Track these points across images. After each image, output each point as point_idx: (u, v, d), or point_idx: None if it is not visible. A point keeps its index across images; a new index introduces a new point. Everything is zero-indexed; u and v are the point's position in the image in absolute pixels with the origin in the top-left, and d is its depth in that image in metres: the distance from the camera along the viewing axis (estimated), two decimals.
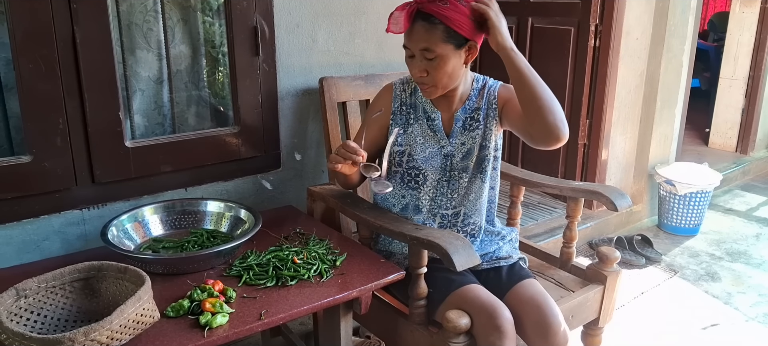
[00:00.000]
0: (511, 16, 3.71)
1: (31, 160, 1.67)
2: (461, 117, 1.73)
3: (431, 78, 1.59)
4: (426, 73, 1.58)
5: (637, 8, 3.27)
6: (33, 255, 1.74)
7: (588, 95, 3.34)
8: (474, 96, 1.74)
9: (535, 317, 1.57)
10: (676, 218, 3.56)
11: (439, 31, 1.52)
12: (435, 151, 1.73)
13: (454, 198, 1.75)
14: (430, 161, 1.72)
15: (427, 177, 1.73)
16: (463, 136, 1.73)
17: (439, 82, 1.60)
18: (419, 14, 1.53)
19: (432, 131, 1.73)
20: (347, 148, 1.53)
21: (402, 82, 1.79)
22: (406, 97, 1.77)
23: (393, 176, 1.76)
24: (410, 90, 1.77)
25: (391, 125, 1.75)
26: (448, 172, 1.73)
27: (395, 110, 1.76)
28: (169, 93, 2.13)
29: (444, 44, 1.54)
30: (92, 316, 1.33)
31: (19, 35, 1.59)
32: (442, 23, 1.51)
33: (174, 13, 2.09)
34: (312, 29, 2.15)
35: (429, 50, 1.54)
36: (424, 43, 1.54)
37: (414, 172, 1.73)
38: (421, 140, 1.73)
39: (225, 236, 1.73)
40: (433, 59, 1.55)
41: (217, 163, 2.03)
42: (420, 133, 1.73)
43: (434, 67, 1.57)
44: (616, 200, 1.84)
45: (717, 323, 2.64)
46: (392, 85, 1.79)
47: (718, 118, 5.23)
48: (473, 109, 1.74)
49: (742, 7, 4.95)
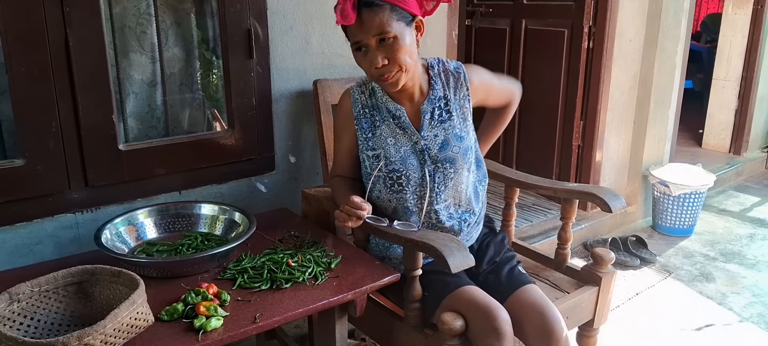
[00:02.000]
0: (504, 19, 3.72)
1: (24, 164, 1.67)
2: (428, 109, 1.69)
3: (393, 63, 1.54)
4: (387, 61, 1.54)
5: (630, 10, 3.28)
6: (26, 259, 1.73)
7: (582, 97, 3.35)
8: (436, 84, 1.71)
9: (538, 323, 1.56)
10: (670, 218, 3.58)
11: (387, 11, 1.50)
12: (408, 149, 1.69)
13: (444, 190, 1.71)
14: (407, 160, 1.68)
15: (409, 178, 1.68)
16: (435, 129, 1.69)
17: (402, 64, 1.55)
18: (362, 3, 1.50)
19: (400, 129, 1.69)
20: (352, 205, 1.53)
21: (359, 86, 1.75)
22: (365, 99, 1.73)
23: (375, 183, 1.73)
24: (368, 92, 1.73)
25: (356, 130, 1.73)
26: (428, 166, 1.69)
27: (357, 115, 1.72)
28: (162, 96, 2.13)
29: (396, 23, 1.52)
30: (86, 320, 1.32)
31: (12, 38, 1.59)
32: (387, 4, 1.50)
33: (167, 16, 2.09)
34: (306, 32, 2.15)
35: (384, 33, 1.51)
36: (376, 27, 1.50)
37: (395, 175, 1.68)
38: (392, 141, 1.69)
39: (219, 239, 1.73)
40: (389, 42, 1.52)
41: (211, 166, 2.03)
42: (390, 134, 1.70)
43: (393, 49, 1.53)
44: (611, 202, 1.85)
45: (711, 323, 2.65)
46: (350, 89, 1.76)
47: (711, 119, 5.25)
48: (440, 98, 1.70)
49: (734, 9, 4.98)
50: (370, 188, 1.72)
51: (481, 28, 3.93)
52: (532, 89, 3.63)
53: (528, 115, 3.66)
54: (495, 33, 3.80)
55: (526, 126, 3.72)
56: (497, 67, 3.71)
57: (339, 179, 1.80)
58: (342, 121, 1.77)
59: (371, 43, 1.53)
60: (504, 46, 3.75)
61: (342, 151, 1.79)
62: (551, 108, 3.51)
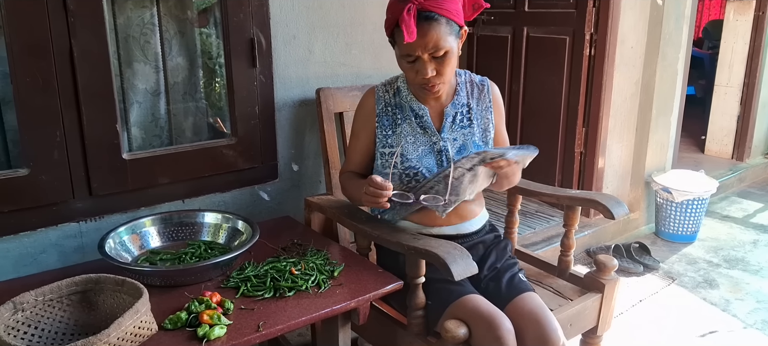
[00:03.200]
0: (506, 26, 3.73)
1: (29, 173, 1.67)
2: (451, 112, 1.73)
3: (440, 76, 1.58)
4: (435, 73, 1.57)
5: (631, 17, 3.29)
6: (30, 268, 1.74)
7: (584, 104, 3.35)
8: (461, 91, 1.74)
9: (535, 332, 1.55)
10: (673, 225, 3.57)
11: (442, 26, 1.52)
12: (427, 149, 1.71)
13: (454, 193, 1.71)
14: (423, 159, 1.70)
15: (424, 176, 1.69)
16: (455, 132, 1.72)
17: (447, 78, 1.61)
18: (421, 14, 1.51)
19: (422, 128, 1.72)
20: (375, 185, 1.53)
21: (384, 85, 1.79)
22: (389, 97, 1.76)
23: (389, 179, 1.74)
24: (393, 90, 1.77)
25: (377, 128, 1.74)
26: (445, 167, 1.70)
27: (380, 112, 1.75)
28: (166, 105, 2.13)
29: (449, 37, 1.54)
30: (90, 329, 1.33)
31: (17, 48, 1.60)
32: (443, 17, 1.52)
33: (171, 26, 2.10)
34: (309, 41, 2.16)
35: (439, 48, 1.53)
36: (433, 43, 1.52)
37: (411, 172, 1.70)
38: (411, 139, 1.72)
39: (222, 248, 1.73)
40: (442, 56, 1.55)
41: (215, 174, 2.03)
42: (409, 132, 1.72)
43: (444, 63, 1.56)
44: (613, 208, 1.85)
45: (715, 330, 2.64)
46: (374, 88, 1.78)
47: (713, 126, 5.25)
48: (463, 104, 1.74)
49: (736, 15, 4.98)
50: None
51: (483, 36, 3.94)
52: (534, 97, 3.64)
53: (530, 123, 3.66)
54: (497, 40, 3.81)
55: (528, 133, 3.72)
56: (499, 74, 3.73)
57: (350, 173, 1.82)
58: (363, 119, 1.78)
59: (425, 56, 1.55)
60: (506, 53, 3.75)
61: (358, 148, 1.80)
62: (553, 115, 3.51)
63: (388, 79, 1.81)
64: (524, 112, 3.71)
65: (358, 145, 1.80)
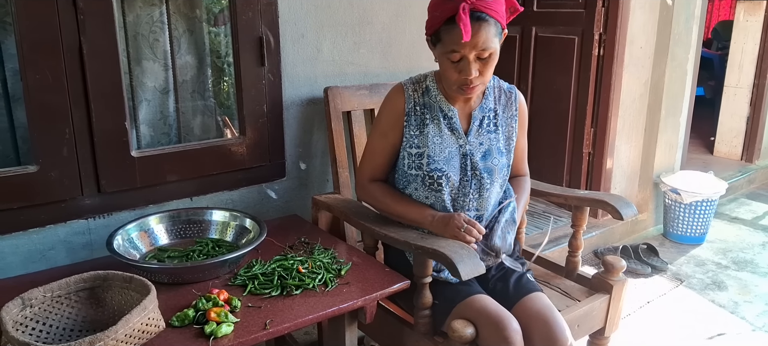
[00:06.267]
0: (515, 26, 3.72)
1: (38, 170, 1.68)
2: (479, 116, 1.71)
3: (482, 77, 1.57)
4: (479, 74, 1.56)
5: (641, 17, 3.27)
6: (39, 265, 1.75)
7: (592, 104, 3.34)
8: (489, 96, 1.73)
9: (543, 332, 1.55)
10: (681, 226, 3.55)
11: (492, 26, 1.52)
12: (454, 150, 1.68)
13: (476, 199, 1.70)
14: (450, 162, 1.67)
15: (449, 178, 1.67)
16: (481, 137, 1.71)
17: (487, 79, 1.60)
18: (472, 14, 1.49)
19: (449, 130, 1.69)
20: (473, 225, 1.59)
21: (412, 83, 1.73)
22: (418, 97, 1.71)
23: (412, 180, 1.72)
24: (422, 90, 1.72)
25: (405, 128, 1.70)
26: (468, 171, 1.68)
27: (409, 111, 1.70)
28: (174, 103, 2.14)
29: (495, 39, 1.54)
30: (97, 325, 1.33)
31: (27, 46, 1.61)
32: (492, 18, 1.51)
33: (180, 24, 2.11)
34: (317, 39, 2.16)
35: (486, 49, 1.52)
36: (482, 43, 1.51)
37: (436, 174, 1.66)
38: (438, 140, 1.68)
39: (230, 246, 1.73)
40: (486, 57, 1.54)
41: (222, 172, 2.04)
42: (437, 133, 1.68)
43: (487, 64, 1.56)
44: (622, 209, 1.84)
45: (723, 332, 2.62)
46: (402, 85, 1.72)
47: (722, 127, 5.22)
48: (490, 109, 1.73)
49: (746, 16, 4.95)
50: (404, 185, 1.73)
51: None
52: (542, 96, 3.63)
53: (538, 122, 3.65)
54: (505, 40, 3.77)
55: (537, 133, 3.71)
56: (508, 74, 3.72)
57: (383, 185, 1.78)
58: (393, 118, 1.72)
59: (471, 56, 1.53)
60: (514, 53, 3.75)
61: (385, 149, 1.74)
62: (562, 115, 3.50)
63: (415, 76, 1.76)
64: (532, 112, 3.69)
65: (385, 146, 1.74)
